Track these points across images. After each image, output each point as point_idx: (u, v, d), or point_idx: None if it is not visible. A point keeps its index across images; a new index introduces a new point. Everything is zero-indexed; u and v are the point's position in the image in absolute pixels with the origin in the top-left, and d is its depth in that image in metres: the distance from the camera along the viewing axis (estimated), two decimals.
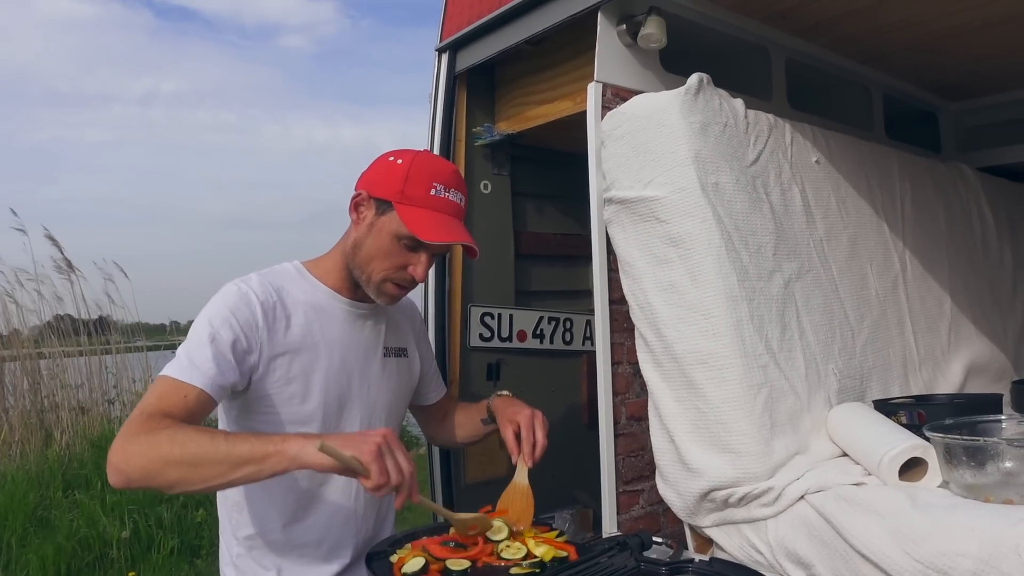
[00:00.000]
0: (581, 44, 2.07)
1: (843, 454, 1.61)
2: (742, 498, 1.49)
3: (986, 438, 1.36)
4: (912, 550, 1.22)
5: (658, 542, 1.40)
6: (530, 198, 2.75)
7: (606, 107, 1.83)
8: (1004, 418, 1.53)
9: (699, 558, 1.35)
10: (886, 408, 1.76)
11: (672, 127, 1.67)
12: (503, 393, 1.71)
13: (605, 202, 1.80)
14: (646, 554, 1.35)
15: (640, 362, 1.73)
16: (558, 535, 1.43)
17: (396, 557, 1.30)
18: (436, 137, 2.40)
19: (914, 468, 1.46)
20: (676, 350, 1.61)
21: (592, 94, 1.83)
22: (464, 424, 1.79)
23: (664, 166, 1.66)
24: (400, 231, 1.42)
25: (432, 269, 1.51)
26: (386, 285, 1.47)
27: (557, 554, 1.32)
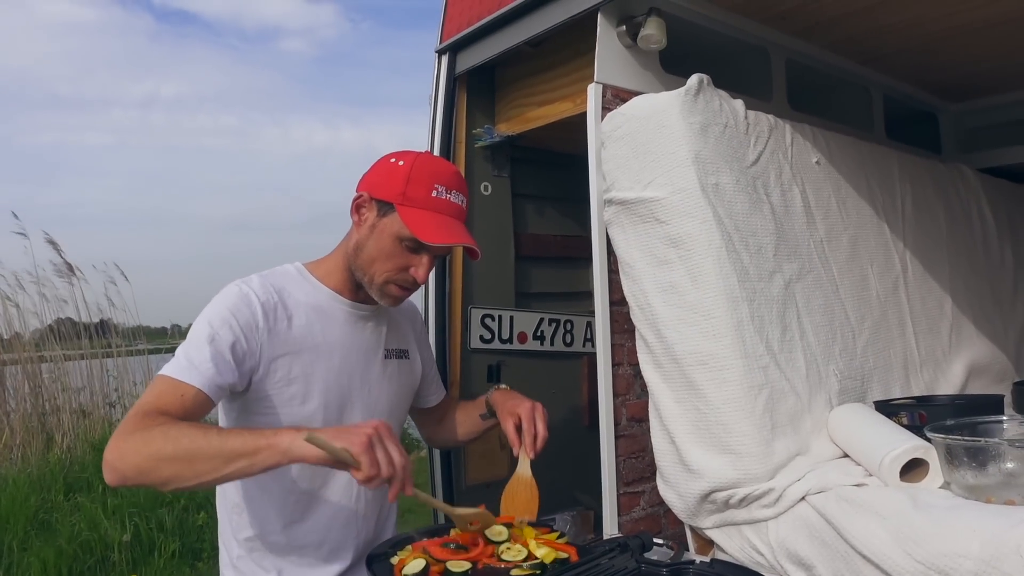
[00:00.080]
0: (581, 45, 2.07)
1: (844, 455, 1.61)
2: (743, 499, 1.49)
3: (987, 439, 1.36)
4: (913, 551, 1.22)
5: (659, 543, 1.40)
6: (530, 199, 2.75)
7: (606, 108, 1.82)
8: (1005, 419, 1.53)
9: (700, 559, 1.35)
10: (887, 409, 1.75)
11: (672, 128, 1.67)
12: (501, 387, 1.71)
13: (605, 203, 1.80)
14: (647, 555, 1.34)
15: (640, 363, 1.73)
16: (559, 536, 1.43)
17: (397, 559, 1.30)
18: (436, 139, 2.40)
19: (915, 469, 1.46)
20: (676, 351, 1.61)
21: (592, 95, 1.83)
22: (463, 421, 1.78)
23: (664, 167, 1.66)
24: (402, 233, 1.42)
25: (432, 271, 1.51)
26: (389, 287, 1.47)
27: (558, 555, 1.31)
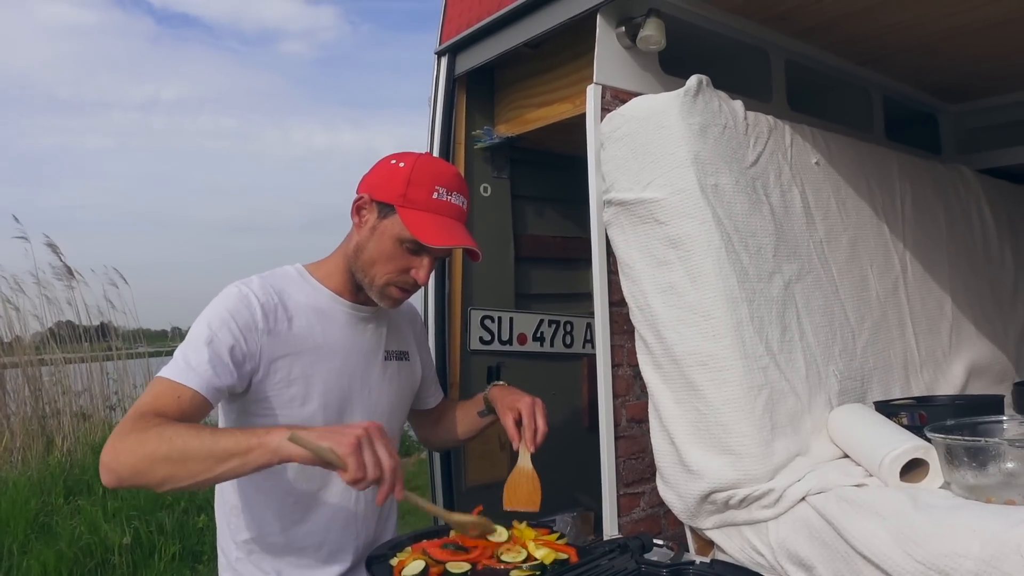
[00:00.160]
0: (580, 46, 2.07)
1: (844, 455, 1.61)
2: (743, 500, 1.49)
3: (987, 439, 1.35)
4: (914, 551, 1.22)
5: (659, 544, 1.40)
6: (530, 201, 2.75)
7: (605, 109, 1.82)
8: (1005, 419, 1.53)
9: (700, 560, 1.34)
10: (887, 409, 1.75)
11: (671, 129, 1.67)
12: (499, 383, 1.71)
13: (604, 204, 1.80)
14: (647, 556, 1.34)
15: (640, 364, 1.72)
16: (559, 537, 1.43)
17: (396, 560, 1.30)
18: (435, 140, 2.40)
19: (915, 469, 1.46)
20: (676, 352, 1.60)
21: (591, 96, 1.83)
22: (460, 420, 1.78)
23: (663, 168, 1.66)
24: (402, 234, 1.42)
25: (432, 272, 1.51)
26: (389, 289, 1.47)
27: (557, 556, 1.32)
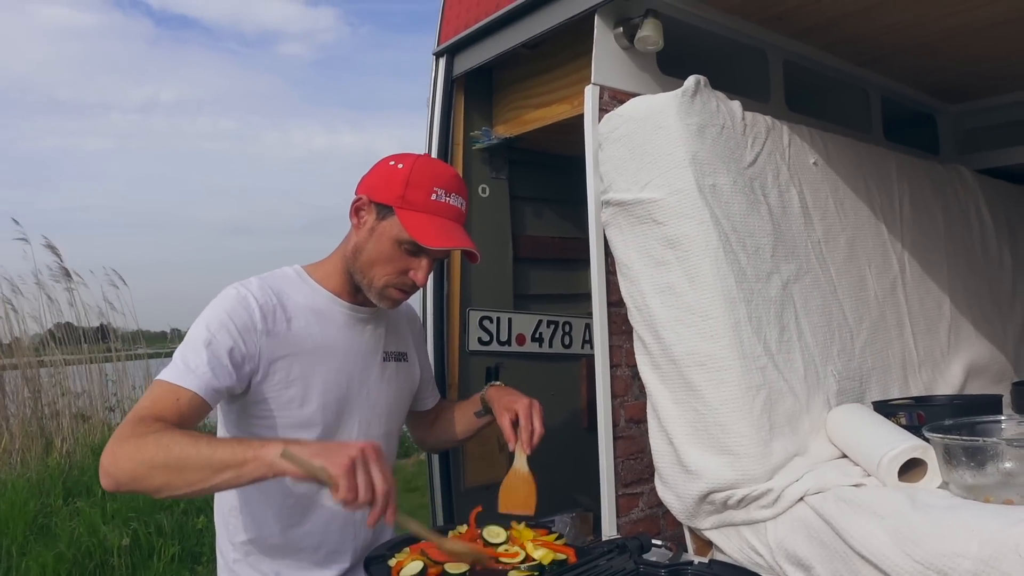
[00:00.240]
0: (578, 47, 2.07)
1: (842, 455, 1.61)
2: (741, 500, 1.49)
3: (985, 438, 1.35)
4: (912, 551, 1.22)
5: (657, 544, 1.40)
6: (528, 202, 2.74)
7: (603, 110, 1.82)
8: (1004, 418, 1.53)
9: (698, 560, 1.34)
10: (885, 409, 1.75)
11: (669, 129, 1.67)
12: (496, 383, 1.71)
13: (603, 204, 1.80)
14: (645, 556, 1.34)
15: (638, 364, 1.72)
16: (557, 538, 1.42)
17: (395, 561, 1.29)
18: (434, 141, 2.40)
19: (914, 469, 1.46)
20: (674, 352, 1.60)
21: (589, 97, 1.83)
22: (458, 420, 1.77)
23: (661, 168, 1.66)
24: (401, 236, 1.42)
25: (430, 273, 1.51)
26: (388, 290, 1.47)
27: (556, 557, 1.31)
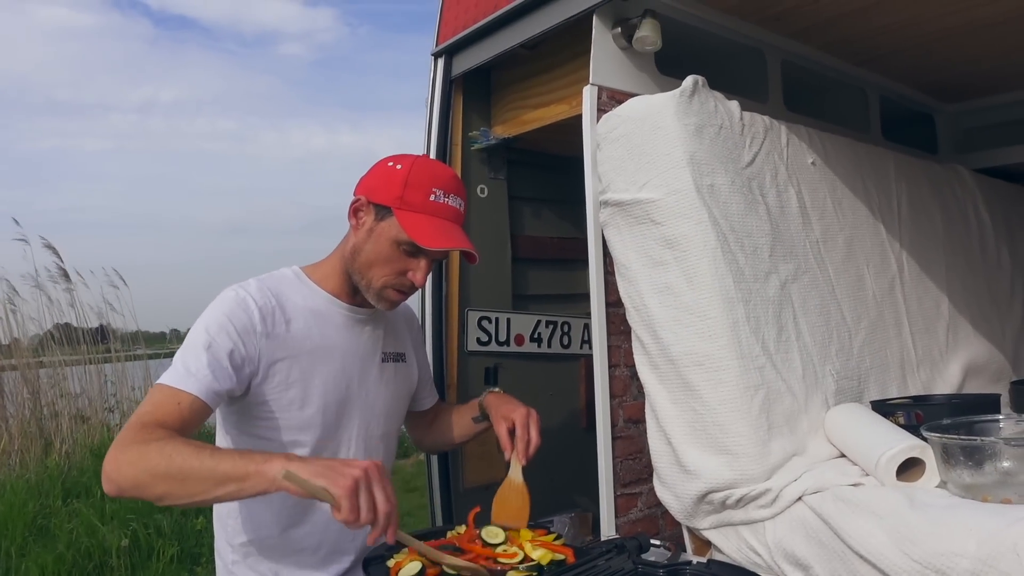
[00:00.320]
0: (577, 47, 2.07)
1: (841, 455, 1.61)
2: (740, 500, 1.49)
3: (983, 438, 1.36)
4: (910, 550, 1.22)
5: (656, 544, 1.40)
6: (527, 202, 2.74)
7: (601, 110, 1.82)
8: (1002, 418, 1.53)
9: (697, 560, 1.34)
10: (884, 409, 1.75)
11: (667, 129, 1.67)
12: (495, 390, 1.71)
13: (601, 205, 1.80)
14: (644, 557, 1.34)
15: (637, 364, 1.72)
16: (556, 538, 1.43)
17: (393, 561, 1.29)
18: (432, 142, 2.40)
19: (912, 468, 1.46)
20: (672, 352, 1.61)
21: (587, 97, 1.83)
22: (456, 423, 1.77)
23: (659, 168, 1.66)
24: (400, 237, 1.42)
25: (429, 274, 1.51)
26: (386, 291, 1.47)
27: (554, 557, 1.32)
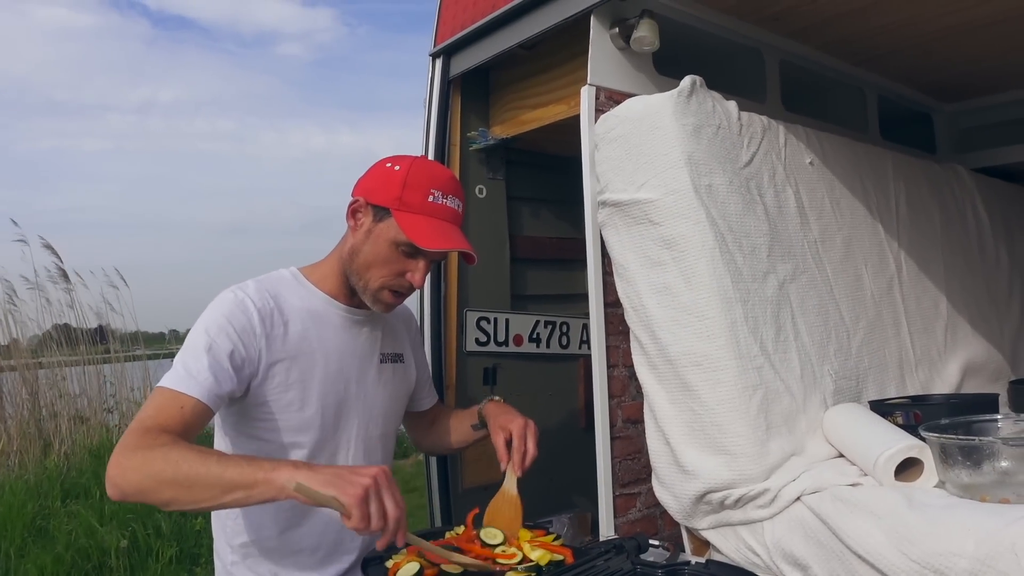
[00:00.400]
0: (575, 48, 2.07)
1: (839, 455, 1.61)
2: (738, 500, 1.49)
3: (982, 437, 1.36)
4: (908, 550, 1.22)
5: (655, 545, 1.40)
6: (525, 202, 2.74)
7: (599, 110, 1.82)
8: (1000, 417, 1.53)
9: (695, 560, 1.34)
10: (882, 408, 1.75)
11: (665, 129, 1.67)
12: (495, 399, 1.71)
13: (599, 205, 1.80)
14: (643, 557, 1.34)
15: (635, 365, 1.72)
16: (555, 539, 1.43)
17: (391, 562, 1.30)
18: (430, 142, 2.40)
19: (910, 468, 1.46)
20: (671, 352, 1.61)
21: (585, 97, 1.83)
22: (454, 429, 1.78)
23: (657, 168, 1.66)
24: (398, 238, 1.42)
25: (428, 274, 1.51)
26: (383, 293, 1.47)
27: (553, 558, 1.32)
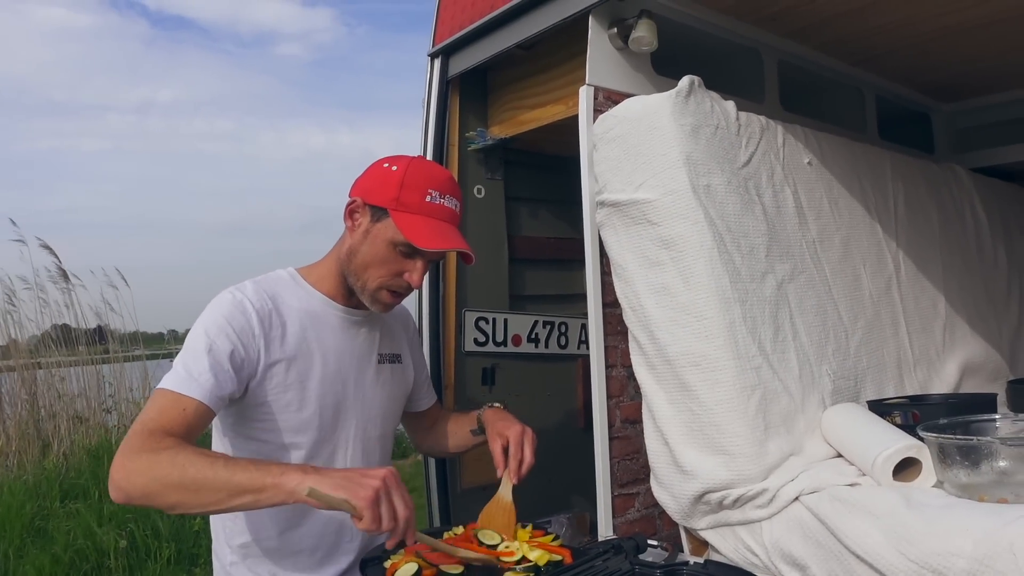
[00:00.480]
0: (573, 48, 2.07)
1: (837, 455, 1.61)
2: (736, 500, 1.49)
3: (980, 437, 1.36)
4: (907, 550, 1.22)
5: (653, 545, 1.40)
6: (524, 202, 2.74)
7: (598, 110, 1.83)
8: (998, 417, 1.53)
9: (694, 560, 1.34)
10: (880, 408, 1.75)
11: (663, 129, 1.67)
12: (495, 405, 1.71)
13: (597, 205, 1.80)
14: (641, 557, 1.34)
15: (633, 365, 1.72)
16: (553, 539, 1.43)
17: (390, 563, 1.30)
18: (429, 142, 2.40)
19: (908, 468, 1.46)
20: (669, 352, 1.61)
21: (584, 97, 1.83)
22: (453, 433, 1.78)
23: (655, 168, 1.66)
24: (396, 238, 1.42)
25: (426, 274, 1.51)
26: (381, 293, 1.47)
27: (552, 558, 1.32)
